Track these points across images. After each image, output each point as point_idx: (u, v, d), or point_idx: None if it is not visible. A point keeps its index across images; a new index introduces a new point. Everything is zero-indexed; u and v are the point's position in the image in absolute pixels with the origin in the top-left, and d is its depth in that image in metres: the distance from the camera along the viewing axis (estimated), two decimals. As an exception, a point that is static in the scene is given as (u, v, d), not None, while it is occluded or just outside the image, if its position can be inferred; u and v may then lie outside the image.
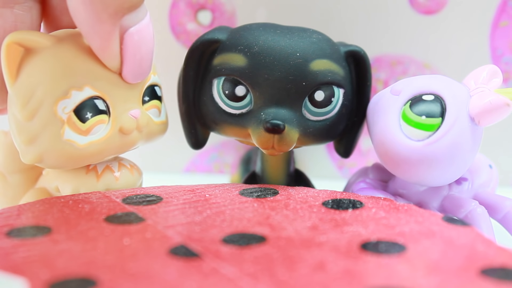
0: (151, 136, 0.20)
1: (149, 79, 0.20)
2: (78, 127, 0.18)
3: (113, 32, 0.17)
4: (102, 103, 0.18)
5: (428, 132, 0.18)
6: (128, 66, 0.18)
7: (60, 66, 0.17)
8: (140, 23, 0.17)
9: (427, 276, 0.13)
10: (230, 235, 0.15)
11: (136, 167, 0.21)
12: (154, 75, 0.20)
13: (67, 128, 0.18)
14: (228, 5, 0.30)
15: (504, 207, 0.20)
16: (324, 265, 0.13)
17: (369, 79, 0.21)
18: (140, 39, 0.18)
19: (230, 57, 0.20)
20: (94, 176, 0.19)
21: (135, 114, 0.19)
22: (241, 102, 0.20)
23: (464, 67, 0.29)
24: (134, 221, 0.16)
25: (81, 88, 0.18)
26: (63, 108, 0.17)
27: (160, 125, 0.20)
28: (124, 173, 0.20)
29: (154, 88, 0.20)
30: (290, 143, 0.19)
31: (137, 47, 0.18)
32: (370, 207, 0.17)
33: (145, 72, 0.19)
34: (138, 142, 0.19)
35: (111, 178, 0.20)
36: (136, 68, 0.18)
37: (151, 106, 0.20)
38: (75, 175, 0.19)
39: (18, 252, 0.14)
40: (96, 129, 0.18)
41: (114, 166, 0.20)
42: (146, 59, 0.18)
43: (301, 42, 0.19)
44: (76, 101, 0.18)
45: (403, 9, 0.29)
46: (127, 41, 0.17)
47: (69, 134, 0.18)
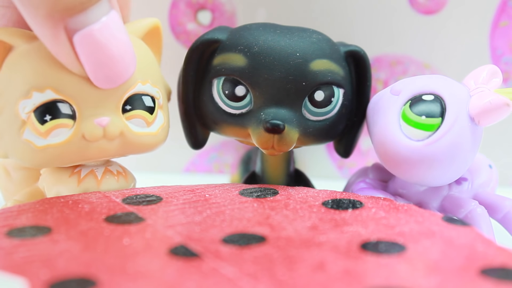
0: (131, 147, 0.19)
1: (133, 87, 0.18)
2: (37, 128, 0.18)
3: (56, 35, 0.16)
4: (68, 107, 0.18)
5: (428, 132, 0.18)
6: (88, 71, 0.17)
7: (25, 65, 0.17)
8: (90, 26, 0.16)
9: (427, 276, 0.13)
10: (230, 235, 0.15)
11: (125, 174, 0.20)
12: (144, 84, 0.19)
13: (27, 128, 0.18)
14: (228, 5, 0.30)
15: (504, 207, 0.20)
16: (324, 265, 0.13)
17: (369, 79, 0.21)
18: (91, 42, 0.16)
19: (230, 57, 0.20)
20: (75, 180, 0.19)
21: (101, 122, 0.18)
22: (241, 102, 0.20)
23: (464, 67, 0.29)
24: (134, 221, 0.16)
25: (43, 90, 0.17)
26: (23, 108, 0.17)
27: (146, 137, 0.19)
28: (108, 179, 0.19)
29: (141, 97, 0.19)
30: (290, 143, 0.19)
31: (89, 51, 0.17)
32: (370, 207, 0.17)
33: (116, 77, 0.18)
34: (110, 151, 0.19)
35: (92, 183, 0.19)
36: (99, 73, 0.17)
37: (134, 116, 0.19)
38: (59, 177, 0.19)
39: (18, 252, 0.14)
40: (55, 132, 0.18)
41: (99, 171, 0.19)
42: (113, 63, 0.17)
43: (301, 42, 0.19)
44: (36, 102, 0.17)
45: (403, 9, 0.29)
46: (77, 45, 0.16)
47: (28, 134, 0.18)
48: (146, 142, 0.19)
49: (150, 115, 0.19)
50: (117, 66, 0.17)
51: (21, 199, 0.22)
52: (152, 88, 0.19)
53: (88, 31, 0.16)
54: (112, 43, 0.17)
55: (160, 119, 0.20)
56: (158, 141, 0.20)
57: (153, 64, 0.20)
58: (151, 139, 0.19)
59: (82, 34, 0.16)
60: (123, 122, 0.18)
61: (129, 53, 0.18)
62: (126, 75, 0.18)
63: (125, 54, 0.17)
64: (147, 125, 0.19)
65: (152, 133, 0.19)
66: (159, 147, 0.20)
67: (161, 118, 0.20)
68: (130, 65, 0.18)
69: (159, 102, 0.20)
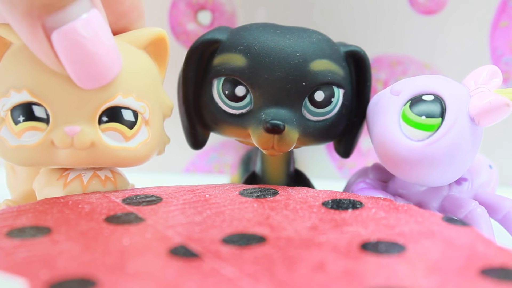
0: (105, 160, 0.19)
1: (112, 98, 0.18)
2: (12, 127, 0.18)
3: (34, 33, 0.16)
4: (43, 111, 0.18)
5: (428, 132, 0.18)
6: (68, 69, 0.17)
7: (10, 63, 0.18)
8: (68, 24, 0.16)
9: (427, 276, 0.13)
10: (230, 235, 0.15)
11: (114, 180, 0.20)
12: (125, 97, 0.18)
13: (5, 125, 0.18)
14: (228, 5, 0.30)
15: (504, 207, 0.20)
16: (324, 265, 0.13)
17: (369, 79, 0.21)
18: (70, 40, 0.16)
19: (230, 57, 0.20)
20: (62, 183, 0.19)
21: (71, 131, 0.18)
22: (241, 102, 0.20)
23: (464, 67, 0.29)
24: (134, 221, 0.16)
25: (20, 90, 0.17)
26: (2, 105, 0.18)
27: (121, 151, 0.19)
28: (94, 185, 0.19)
29: (120, 110, 0.18)
30: (290, 143, 0.19)
31: (68, 49, 0.16)
32: (370, 207, 0.17)
33: (95, 77, 0.17)
34: (81, 160, 0.18)
35: (77, 187, 0.19)
36: (78, 72, 0.17)
37: (109, 129, 0.18)
38: (49, 179, 0.19)
39: (18, 252, 0.14)
40: (27, 134, 0.18)
41: (86, 176, 0.19)
42: (89, 63, 0.17)
43: (301, 42, 0.19)
44: (13, 102, 0.18)
45: (403, 9, 0.29)
46: (55, 43, 0.16)
47: (4, 131, 0.18)
48: (122, 156, 0.19)
49: (129, 129, 0.19)
50: (98, 65, 0.17)
51: (16, 200, 0.22)
52: (135, 102, 0.19)
53: (65, 29, 0.16)
54: (92, 42, 0.16)
55: (142, 135, 0.19)
56: (138, 157, 0.19)
57: (145, 77, 0.19)
58: (127, 153, 0.19)
59: (59, 32, 0.16)
60: (97, 133, 0.18)
61: (111, 54, 0.17)
62: (108, 75, 0.17)
63: (107, 54, 0.17)
64: (125, 140, 0.19)
65: (129, 148, 0.19)
66: (142, 163, 0.20)
67: (144, 133, 0.19)
68: (113, 66, 0.17)
69: (143, 117, 0.19)
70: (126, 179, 0.20)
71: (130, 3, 0.20)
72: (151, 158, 0.20)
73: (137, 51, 0.19)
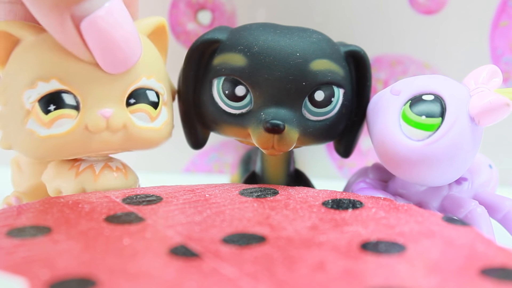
0: (133, 141, 0.19)
1: (138, 80, 0.19)
2: (40, 118, 0.18)
3: (63, 24, 0.16)
4: (72, 98, 0.18)
5: (428, 132, 0.18)
6: (97, 56, 0.17)
7: (31, 56, 0.18)
8: (95, 12, 0.17)
9: (427, 276, 0.13)
10: (230, 235, 0.15)
11: (125, 171, 0.20)
12: (148, 79, 0.19)
13: (31, 118, 0.18)
14: (228, 5, 0.30)
15: (504, 207, 0.20)
16: (324, 265, 0.13)
17: (369, 79, 0.21)
18: (100, 27, 0.17)
19: (230, 57, 0.20)
20: (73, 173, 0.19)
21: (105, 113, 0.18)
22: (241, 102, 0.20)
23: (464, 67, 0.29)
24: (134, 221, 0.16)
25: (48, 80, 0.18)
26: (28, 98, 0.18)
27: (149, 131, 0.19)
28: (105, 175, 0.19)
29: (145, 91, 0.19)
30: (290, 143, 0.19)
31: (97, 36, 0.17)
32: (370, 207, 0.17)
33: (123, 62, 0.18)
34: (113, 144, 0.19)
35: (89, 177, 0.19)
36: (107, 58, 0.17)
37: (137, 110, 0.19)
38: (59, 170, 0.19)
39: (18, 252, 0.14)
40: (59, 122, 0.18)
41: (97, 166, 0.19)
42: (119, 48, 0.17)
43: (301, 42, 0.19)
44: (41, 92, 0.18)
45: (403, 9, 0.29)
46: (84, 32, 0.17)
47: (31, 124, 0.18)
48: (149, 136, 0.19)
49: (154, 109, 0.19)
50: (124, 50, 0.18)
51: (24, 191, 0.22)
52: (156, 84, 0.19)
53: (94, 17, 0.17)
54: (117, 28, 0.17)
55: (164, 115, 0.20)
56: (162, 137, 0.20)
57: (159, 61, 0.20)
58: (154, 134, 0.20)
59: (88, 21, 0.17)
60: (127, 115, 0.19)
61: (134, 38, 0.18)
62: (132, 59, 0.18)
63: (131, 39, 0.18)
64: (151, 120, 0.19)
65: (156, 128, 0.20)
66: (163, 143, 0.20)
67: (165, 114, 0.20)
68: (136, 49, 0.18)
69: (163, 98, 0.20)
70: (136, 174, 0.21)
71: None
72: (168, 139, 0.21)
73: (146, 38, 0.20)
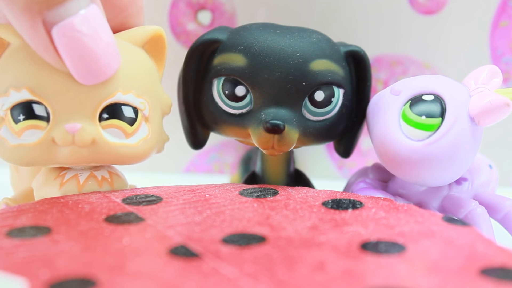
0: (106, 157, 0.18)
1: (112, 95, 0.18)
2: (12, 126, 0.18)
3: (34, 28, 0.16)
4: (43, 109, 0.18)
5: (428, 132, 0.18)
6: (68, 65, 0.17)
7: (9, 63, 0.18)
8: (68, 19, 0.16)
9: (427, 276, 0.13)
10: (230, 235, 0.15)
11: (111, 181, 0.20)
12: (125, 94, 0.18)
13: (5, 125, 0.18)
14: (228, 5, 0.30)
15: (504, 207, 0.20)
16: (324, 265, 0.13)
17: (369, 79, 0.21)
18: (70, 36, 0.16)
19: (230, 57, 0.20)
20: (58, 183, 0.19)
21: (71, 129, 0.17)
22: (241, 102, 0.20)
23: (464, 67, 0.29)
24: (134, 221, 0.16)
25: (19, 89, 0.17)
26: (2, 105, 0.18)
27: (123, 148, 0.19)
28: (90, 185, 0.19)
29: (120, 107, 0.18)
30: (290, 143, 0.19)
31: (68, 44, 0.16)
32: (370, 207, 0.17)
33: (95, 73, 0.17)
34: (82, 158, 0.18)
35: (73, 187, 0.19)
36: (78, 68, 0.17)
37: (110, 126, 0.18)
38: (46, 178, 0.19)
39: (18, 252, 0.14)
40: (28, 133, 0.18)
41: (83, 176, 0.19)
42: (89, 58, 0.17)
43: (301, 42, 0.19)
44: (12, 101, 0.18)
45: (403, 9, 0.29)
46: (55, 38, 0.16)
47: (4, 131, 0.18)
48: (122, 153, 0.19)
49: (129, 126, 0.19)
50: (97, 61, 0.17)
51: (15, 198, 0.22)
52: (135, 99, 0.19)
53: (65, 24, 0.16)
54: (91, 37, 0.17)
55: (143, 131, 0.19)
56: (138, 154, 0.19)
57: (144, 74, 0.19)
58: (128, 150, 0.19)
59: (60, 27, 0.16)
60: (97, 130, 0.18)
61: (111, 49, 0.17)
62: (107, 72, 0.17)
63: (106, 50, 0.17)
64: (125, 136, 0.19)
65: (130, 144, 0.19)
66: (142, 160, 0.20)
67: (145, 130, 0.19)
68: (112, 62, 0.18)
69: (143, 114, 0.19)
70: (125, 180, 0.20)
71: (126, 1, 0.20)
72: (151, 155, 0.20)
73: (135, 49, 0.19)
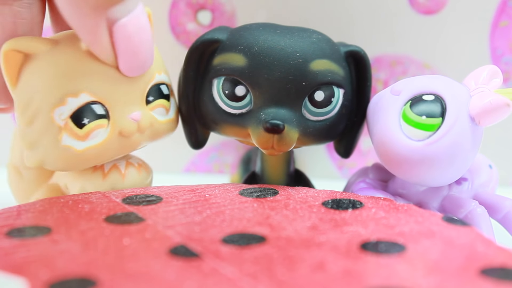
0: (156, 136, 0.20)
1: (153, 78, 0.19)
2: (75, 132, 0.18)
3: (99, 25, 0.17)
4: (101, 108, 0.18)
5: (428, 132, 0.18)
6: (122, 59, 0.18)
7: (55, 72, 0.17)
8: (129, 15, 0.17)
9: (427, 276, 0.13)
10: (230, 235, 0.15)
11: (144, 166, 0.21)
12: (159, 74, 0.20)
13: (65, 134, 0.18)
14: (228, 5, 0.30)
15: (504, 207, 0.20)
16: (324, 265, 0.13)
17: (369, 79, 0.21)
18: (130, 31, 0.17)
19: (230, 57, 0.20)
20: (100, 175, 0.20)
21: (135, 117, 0.19)
22: (241, 102, 0.20)
23: (464, 67, 0.29)
24: (134, 221, 0.16)
25: (77, 94, 0.18)
26: (59, 115, 0.18)
27: (167, 124, 0.20)
28: (131, 172, 0.20)
29: (159, 87, 0.20)
30: (290, 143, 0.19)
31: (127, 39, 0.17)
32: (370, 207, 0.17)
33: (143, 65, 0.19)
34: (141, 143, 0.19)
35: (117, 177, 0.20)
36: (131, 61, 0.18)
37: (157, 106, 0.20)
38: (82, 173, 0.20)
39: (18, 252, 0.14)
40: (94, 133, 0.18)
41: (121, 165, 0.20)
42: (141, 51, 0.18)
43: (301, 42, 0.19)
44: (72, 107, 0.18)
45: (403, 9, 0.29)
46: (116, 33, 0.17)
47: (66, 140, 0.18)
48: (170, 128, 0.21)
49: (167, 102, 0.20)
50: (145, 54, 0.18)
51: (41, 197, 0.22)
52: (165, 77, 0.20)
53: (126, 21, 0.17)
54: (141, 32, 0.18)
55: (173, 104, 0.21)
56: (175, 126, 0.21)
57: (158, 53, 0.21)
58: (172, 125, 0.21)
59: (121, 24, 0.17)
60: (151, 114, 0.19)
61: (151, 42, 0.19)
62: (149, 63, 0.19)
63: (150, 43, 0.18)
64: (167, 112, 0.20)
65: (171, 119, 0.21)
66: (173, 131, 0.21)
67: (174, 103, 0.21)
68: (152, 53, 0.19)
69: (171, 88, 0.21)
70: (150, 166, 0.21)
71: None
72: None
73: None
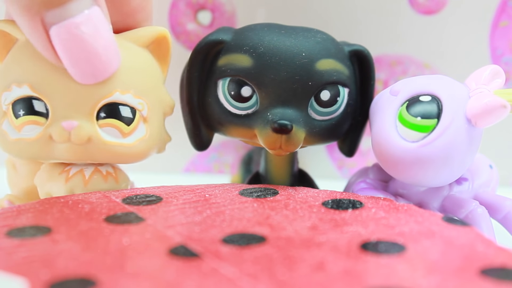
0: (102, 155, 0.19)
1: (110, 95, 0.18)
2: (13, 121, 0.18)
3: (34, 27, 0.16)
4: (43, 106, 0.18)
5: (423, 133, 0.18)
6: (66, 64, 0.17)
7: (13, 59, 0.18)
8: (67, 20, 0.16)
9: (427, 276, 0.13)
10: (230, 235, 0.15)
11: (115, 175, 0.20)
12: (123, 94, 0.18)
13: (6, 119, 0.19)
14: (228, 5, 0.30)
15: (504, 207, 0.20)
16: (324, 265, 0.13)
17: (372, 78, 0.21)
18: (68, 37, 0.16)
19: (235, 58, 0.19)
20: (64, 178, 0.19)
21: (67, 126, 0.18)
22: (247, 103, 0.20)
23: (464, 67, 0.29)
24: (134, 221, 0.16)
25: (21, 85, 0.18)
26: (4, 100, 0.18)
27: (118, 147, 0.19)
28: (96, 179, 0.19)
29: (118, 107, 0.19)
30: (298, 143, 0.19)
31: (66, 45, 0.17)
32: (370, 207, 0.17)
33: (93, 73, 0.17)
34: (78, 155, 0.18)
35: (79, 182, 0.19)
36: (76, 67, 0.17)
37: (107, 125, 0.19)
38: (51, 174, 0.20)
39: (18, 252, 0.14)
40: (27, 128, 0.18)
41: (87, 171, 0.19)
42: (87, 59, 0.17)
43: (306, 42, 0.19)
44: (14, 96, 0.18)
45: (403, 9, 0.29)
46: (53, 38, 0.16)
47: (6, 125, 0.19)
48: (118, 152, 0.19)
49: (126, 126, 0.19)
50: (96, 61, 0.17)
51: (18, 195, 0.22)
52: (133, 99, 0.19)
53: (63, 25, 0.16)
54: (90, 38, 0.17)
55: (140, 132, 0.19)
56: (135, 153, 0.19)
57: (145, 75, 0.20)
58: (124, 150, 0.19)
59: (57, 28, 0.16)
60: (94, 129, 0.18)
61: (111, 50, 0.18)
62: (106, 71, 0.18)
63: (106, 51, 0.17)
64: (122, 136, 0.19)
65: (126, 144, 0.19)
66: (139, 160, 0.20)
67: (142, 130, 0.19)
68: (112, 62, 0.18)
69: (141, 114, 0.19)
70: (127, 176, 0.21)
71: (137, 4, 0.20)
72: (149, 155, 0.20)
73: (138, 49, 0.20)
